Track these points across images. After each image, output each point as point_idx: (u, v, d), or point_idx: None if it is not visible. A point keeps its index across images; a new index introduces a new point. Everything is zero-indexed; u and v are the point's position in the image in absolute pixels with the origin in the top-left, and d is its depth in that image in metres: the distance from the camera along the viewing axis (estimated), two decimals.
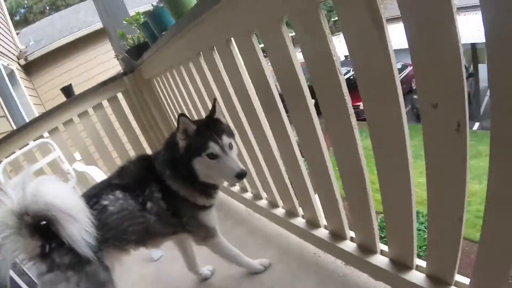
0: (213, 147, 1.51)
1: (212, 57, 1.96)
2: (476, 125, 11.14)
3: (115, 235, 1.64)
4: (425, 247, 1.46)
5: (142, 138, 3.58)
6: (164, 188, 1.65)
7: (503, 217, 1.04)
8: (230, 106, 2.11)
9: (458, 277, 1.36)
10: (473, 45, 13.48)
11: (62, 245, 1.44)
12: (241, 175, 1.53)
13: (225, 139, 1.54)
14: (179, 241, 2.01)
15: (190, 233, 1.81)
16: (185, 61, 2.33)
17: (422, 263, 1.47)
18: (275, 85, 1.67)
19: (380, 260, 1.61)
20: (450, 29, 0.87)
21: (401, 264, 1.52)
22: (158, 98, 3.31)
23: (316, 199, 1.88)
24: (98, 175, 2.65)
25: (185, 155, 1.55)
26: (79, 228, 1.47)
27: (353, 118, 1.32)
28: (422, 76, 1.00)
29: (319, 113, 1.46)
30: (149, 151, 3.48)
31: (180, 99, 2.73)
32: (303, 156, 1.78)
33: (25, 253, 1.47)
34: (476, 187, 7.39)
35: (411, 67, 1.10)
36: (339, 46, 1.46)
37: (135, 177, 1.69)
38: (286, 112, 1.67)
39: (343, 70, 1.54)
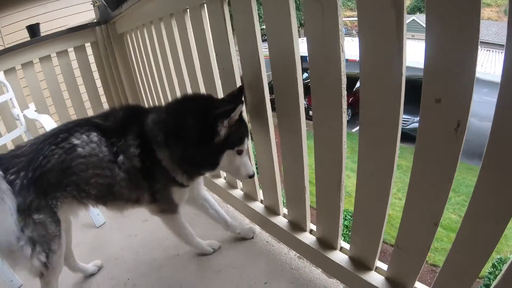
0: (246, 144, 1.46)
1: (184, 21, 1.86)
2: None
3: (76, 182, 1.46)
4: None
5: (103, 98, 3.35)
6: (145, 148, 1.47)
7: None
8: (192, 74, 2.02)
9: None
10: None
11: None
12: (252, 176, 1.54)
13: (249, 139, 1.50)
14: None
15: (154, 202, 1.65)
16: (157, 21, 2.19)
17: (383, 266, 1.41)
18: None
19: (339, 257, 1.54)
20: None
21: (361, 264, 1.46)
22: (128, 56, 3.08)
23: (279, 186, 1.79)
24: (50, 125, 2.44)
25: (216, 143, 1.39)
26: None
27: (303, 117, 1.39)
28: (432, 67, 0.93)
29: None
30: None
31: (152, 62, 2.55)
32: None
33: None
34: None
35: None
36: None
37: (118, 122, 1.51)
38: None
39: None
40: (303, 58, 1.24)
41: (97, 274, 2.01)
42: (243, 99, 1.49)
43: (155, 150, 1.46)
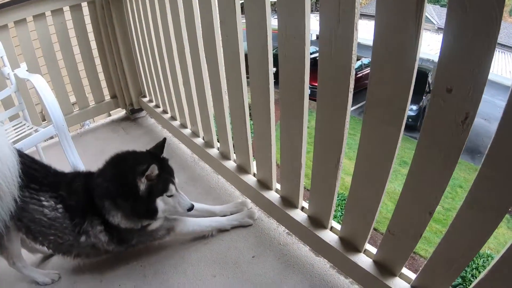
0: (172, 189, 1.59)
1: None
2: None
3: (32, 229, 1.56)
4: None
5: (97, 60, 3.19)
6: (106, 221, 1.58)
7: None
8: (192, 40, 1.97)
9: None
10: None
11: None
12: (191, 209, 1.66)
13: (176, 180, 1.64)
14: None
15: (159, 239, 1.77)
16: None
17: (372, 249, 1.44)
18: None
19: (329, 237, 1.55)
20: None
21: (351, 245, 1.48)
22: (126, 19, 2.95)
23: (274, 160, 1.78)
24: (42, 85, 2.36)
25: (145, 195, 1.53)
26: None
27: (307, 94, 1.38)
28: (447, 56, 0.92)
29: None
30: (101, 75, 3.18)
31: (151, 26, 2.47)
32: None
33: None
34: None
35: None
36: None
37: (79, 201, 1.58)
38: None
39: (312, 49, 1.49)
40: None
41: None
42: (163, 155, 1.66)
43: (110, 220, 1.56)
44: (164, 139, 1.67)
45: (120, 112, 3.32)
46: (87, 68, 3.10)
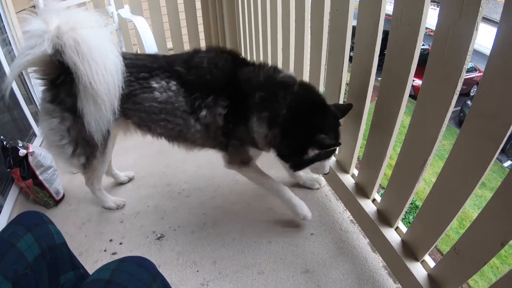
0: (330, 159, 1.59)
1: None
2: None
3: (142, 118, 1.58)
4: None
5: (201, 28, 3.28)
6: (236, 109, 1.49)
7: None
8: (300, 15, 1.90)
9: None
10: None
11: (73, 83, 1.38)
12: (326, 174, 1.67)
13: None
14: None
15: (226, 153, 1.70)
16: None
17: (430, 262, 1.36)
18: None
19: (392, 236, 1.50)
20: None
21: (410, 251, 1.42)
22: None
23: (359, 145, 1.74)
24: (144, 27, 2.49)
25: (307, 159, 1.48)
26: (98, 110, 1.42)
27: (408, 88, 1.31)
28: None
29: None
30: (201, 27, 3.21)
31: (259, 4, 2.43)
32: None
33: (41, 72, 1.45)
34: None
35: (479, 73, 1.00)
36: None
37: (206, 78, 1.50)
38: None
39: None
40: None
41: (155, 179, 2.20)
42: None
43: (251, 118, 1.48)
44: (351, 106, 1.54)
45: None
46: (188, 17, 3.17)
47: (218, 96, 1.48)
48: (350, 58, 1.57)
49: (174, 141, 1.67)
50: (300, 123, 1.43)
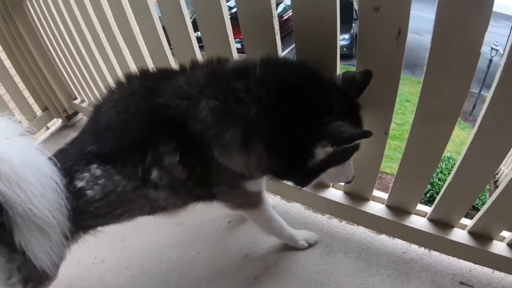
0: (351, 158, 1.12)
1: None
2: None
3: (98, 223, 1.22)
4: None
5: (16, 78, 2.89)
6: (188, 146, 1.07)
7: None
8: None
9: None
10: None
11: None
12: (350, 181, 1.25)
13: None
14: None
15: (223, 200, 1.34)
16: None
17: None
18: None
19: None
20: None
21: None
22: (34, 26, 2.66)
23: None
24: None
25: (315, 166, 1.04)
26: (47, 239, 1.05)
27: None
28: None
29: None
30: (26, 93, 2.90)
31: (62, 28, 2.28)
32: None
33: None
34: None
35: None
36: None
37: (126, 135, 1.09)
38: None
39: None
40: None
41: None
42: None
43: (211, 150, 1.06)
44: (369, 73, 1.04)
45: (57, 123, 3.12)
46: (8, 89, 2.83)
47: (157, 145, 1.07)
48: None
49: (152, 214, 1.31)
50: (288, 116, 0.97)
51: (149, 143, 1.06)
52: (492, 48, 10.37)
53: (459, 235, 1.50)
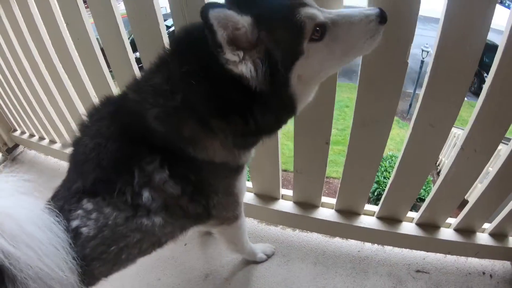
0: (316, 15, 0.83)
1: None
2: None
3: (96, 266, 1.03)
4: None
5: None
6: (173, 157, 0.99)
7: None
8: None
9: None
10: None
11: None
12: (383, 16, 0.87)
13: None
14: None
15: (217, 216, 1.25)
16: None
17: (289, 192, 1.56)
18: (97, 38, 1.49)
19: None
20: None
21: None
22: None
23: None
24: None
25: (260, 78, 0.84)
26: None
27: None
28: None
29: None
30: None
31: None
32: None
33: None
34: None
35: None
36: None
37: (108, 160, 0.99)
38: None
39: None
40: None
41: None
42: None
43: (187, 150, 0.98)
44: None
45: None
46: None
47: (140, 162, 0.97)
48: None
49: (154, 250, 1.19)
50: (209, 67, 0.85)
51: (132, 163, 0.98)
52: (422, 50, 11.06)
53: (408, 228, 1.60)
